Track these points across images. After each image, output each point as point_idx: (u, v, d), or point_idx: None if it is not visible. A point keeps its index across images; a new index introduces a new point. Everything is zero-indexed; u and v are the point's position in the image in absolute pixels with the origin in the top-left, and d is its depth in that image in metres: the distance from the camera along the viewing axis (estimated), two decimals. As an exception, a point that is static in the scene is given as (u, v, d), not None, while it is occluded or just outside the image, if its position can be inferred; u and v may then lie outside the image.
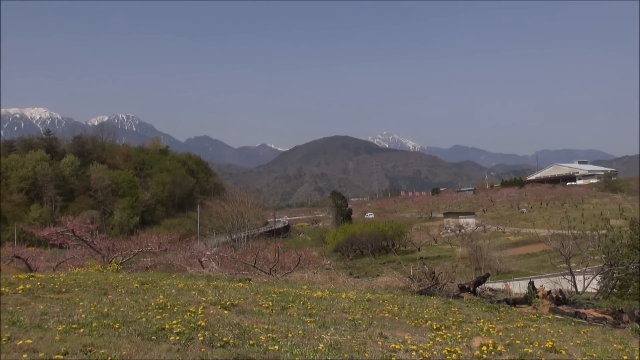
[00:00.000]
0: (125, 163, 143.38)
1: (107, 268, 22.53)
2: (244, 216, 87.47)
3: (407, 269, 22.71)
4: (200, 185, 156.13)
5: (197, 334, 7.90)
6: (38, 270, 26.19)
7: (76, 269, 22.96)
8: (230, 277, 19.43)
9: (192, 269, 26.20)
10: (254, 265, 26.16)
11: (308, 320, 9.90)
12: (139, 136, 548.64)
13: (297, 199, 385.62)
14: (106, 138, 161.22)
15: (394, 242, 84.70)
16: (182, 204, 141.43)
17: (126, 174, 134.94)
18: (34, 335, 7.14)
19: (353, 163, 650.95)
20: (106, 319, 8.49)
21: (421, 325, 10.52)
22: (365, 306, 12.32)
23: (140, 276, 16.80)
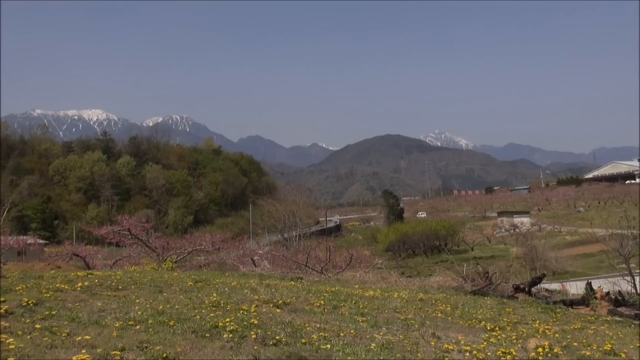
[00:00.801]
0: (179, 163, 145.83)
1: (162, 266, 22.89)
2: (295, 215, 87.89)
3: (460, 269, 22.42)
4: (253, 185, 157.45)
5: (250, 332, 7.97)
6: (96, 268, 26.84)
7: (132, 267, 23.43)
8: (282, 276, 19.54)
9: (245, 268, 26.46)
10: (306, 264, 26.23)
11: (360, 320, 9.88)
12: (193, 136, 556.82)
13: (348, 198, 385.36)
14: (161, 138, 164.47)
15: (447, 241, 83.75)
16: (235, 203, 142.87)
17: (180, 173, 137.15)
18: (92, 332, 7.32)
19: (405, 162, 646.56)
20: (161, 316, 8.65)
21: (475, 326, 10.38)
22: (418, 306, 12.23)
23: (194, 274, 17.05)
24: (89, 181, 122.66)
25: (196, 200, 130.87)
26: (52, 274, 14.39)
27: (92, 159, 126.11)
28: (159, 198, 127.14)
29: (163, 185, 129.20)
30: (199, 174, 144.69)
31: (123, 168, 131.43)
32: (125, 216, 27.93)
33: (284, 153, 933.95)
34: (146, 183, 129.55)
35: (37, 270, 18.11)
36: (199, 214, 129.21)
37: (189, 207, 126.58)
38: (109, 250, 44.10)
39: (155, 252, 26.68)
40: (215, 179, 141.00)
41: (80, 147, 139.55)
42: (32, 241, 40.14)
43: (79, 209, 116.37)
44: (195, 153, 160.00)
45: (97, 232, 27.76)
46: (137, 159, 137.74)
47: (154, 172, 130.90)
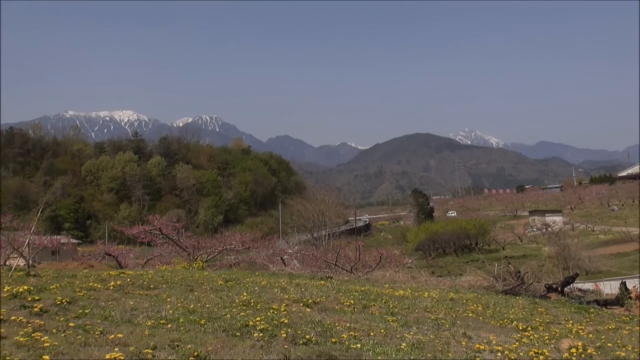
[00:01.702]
0: (209, 163, 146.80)
1: (193, 265, 23.08)
2: (324, 214, 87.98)
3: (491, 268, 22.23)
4: (282, 184, 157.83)
5: (280, 331, 7.99)
6: (128, 267, 27.17)
7: (163, 266, 23.67)
8: (311, 275, 19.58)
9: (275, 267, 26.56)
10: (335, 263, 26.23)
11: (390, 319, 9.85)
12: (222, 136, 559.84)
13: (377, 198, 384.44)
14: (191, 139, 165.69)
15: (478, 240, 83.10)
16: (264, 203, 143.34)
17: (210, 173, 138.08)
18: (125, 330, 7.41)
19: (434, 161, 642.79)
20: (192, 315, 8.72)
21: (506, 326, 10.29)
22: (449, 305, 12.15)
23: (224, 273, 17.16)
24: (120, 181, 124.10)
25: (226, 200, 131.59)
26: (85, 273, 14.60)
27: (123, 160, 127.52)
28: (190, 198, 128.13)
29: (193, 185, 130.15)
30: (228, 173, 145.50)
31: (154, 168, 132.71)
32: (156, 216, 28.24)
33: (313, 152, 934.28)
34: (177, 183, 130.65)
35: (70, 269, 18.40)
36: (229, 213, 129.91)
37: (219, 206, 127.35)
38: (141, 250, 44.61)
39: (186, 252, 26.92)
40: (245, 179, 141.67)
41: (112, 147, 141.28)
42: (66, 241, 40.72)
43: (111, 208, 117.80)
44: (225, 153, 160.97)
45: (128, 232, 28.12)
46: (167, 159, 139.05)
47: (184, 172, 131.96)
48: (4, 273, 13.21)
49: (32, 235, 23.57)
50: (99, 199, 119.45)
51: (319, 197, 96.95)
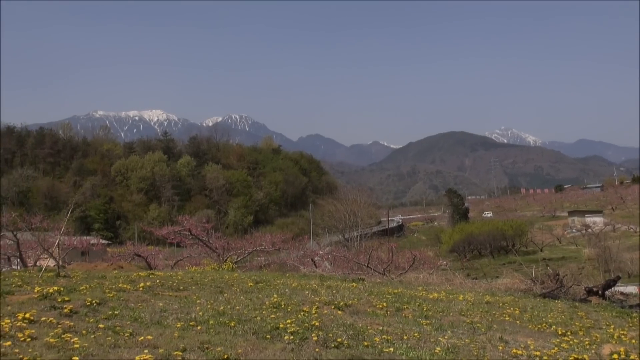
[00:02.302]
0: (239, 163, 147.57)
1: (223, 267, 23.22)
2: (356, 215, 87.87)
3: (529, 271, 21.99)
4: (313, 184, 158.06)
5: (311, 333, 8.00)
6: (157, 268, 27.45)
7: (193, 267, 23.86)
8: (343, 277, 19.57)
9: (305, 268, 26.61)
10: (367, 265, 26.20)
11: (424, 323, 9.80)
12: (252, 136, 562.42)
13: (411, 198, 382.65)
14: (220, 138, 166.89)
15: (514, 242, 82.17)
16: (295, 203, 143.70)
17: (240, 173, 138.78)
18: (154, 332, 7.49)
19: (470, 160, 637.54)
20: (222, 317, 8.77)
21: (545, 330, 10.16)
22: (484, 309, 12.05)
23: (254, 275, 17.25)
24: (150, 181, 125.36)
25: (256, 200, 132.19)
26: (114, 274, 14.80)
27: (153, 160, 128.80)
28: (219, 198, 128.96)
29: (223, 185, 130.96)
30: (258, 173, 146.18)
31: (183, 168, 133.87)
32: (185, 216, 28.50)
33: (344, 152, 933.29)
34: (206, 183, 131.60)
35: (100, 270, 18.66)
36: (259, 214, 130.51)
37: (248, 207, 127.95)
38: (170, 251, 44.98)
39: (216, 253, 27.10)
40: (275, 179, 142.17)
41: (141, 147, 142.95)
42: (95, 241, 41.28)
43: (141, 209, 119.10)
44: (255, 152, 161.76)
45: (158, 233, 28.41)
46: (197, 159, 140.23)
47: (214, 172, 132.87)
48: (34, 274, 13.46)
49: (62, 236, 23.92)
50: (128, 200, 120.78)
51: (350, 197, 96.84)
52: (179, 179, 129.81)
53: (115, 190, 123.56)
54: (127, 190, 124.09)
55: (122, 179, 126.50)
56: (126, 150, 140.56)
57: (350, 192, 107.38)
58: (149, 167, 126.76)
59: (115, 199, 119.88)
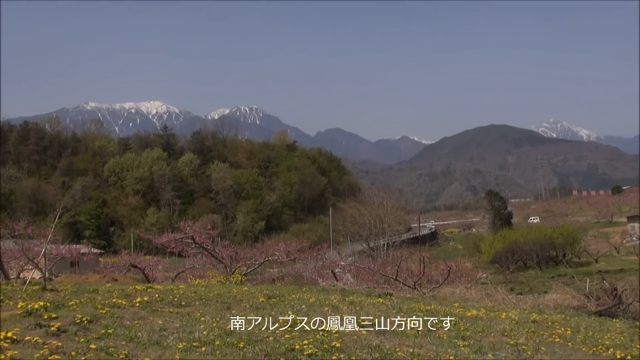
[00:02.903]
0: (249, 161, 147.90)
1: (230, 279, 23.29)
2: (383, 221, 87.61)
3: (582, 285, 21.82)
4: (333, 185, 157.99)
5: (331, 356, 7.98)
6: (156, 280, 27.60)
7: (196, 280, 23.98)
8: (368, 291, 19.54)
9: (325, 282, 26.58)
10: (396, 277, 26.14)
11: (461, 344, 9.75)
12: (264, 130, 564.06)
13: (445, 200, 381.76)
14: (227, 133, 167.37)
15: (565, 252, 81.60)
16: (313, 207, 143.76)
17: (250, 173, 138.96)
18: (153, 353, 7.50)
19: (513, 157, 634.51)
20: (230, 337, 8.78)
21: (601, 354, 10.07)
22: (531, 329, 11.97)
23: (266, 289, 17.26)
24: (148, 182, 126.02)
25: (268, 204, 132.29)
26: (108, 287, 14.89)
27: (151, 157, 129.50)
28: (226, 201, 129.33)
29: (231, 186, 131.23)
30: (271, 173, 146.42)
31: (186, 167, 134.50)
32: (188, 222, 28.62)
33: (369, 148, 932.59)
34: (212, 184, 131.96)
35: (91, 283, 18.79)
36: (272, 219, 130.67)
37: (260, 211, 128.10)
38: (171, 261, 45.23)
39: (222, 263, 27.21)
40: (290, 179, 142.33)
41: (138, 143, 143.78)
42: (86, 250, 41.58)
43: (137, 214, 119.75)
44: (267, 149, 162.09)
45: (157, 241, 28.59)
46: (201, 156, 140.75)
47: (221, 172, 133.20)
48: (17, 287, 13.56)
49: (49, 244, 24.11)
50: (123, 203, 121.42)
51: (376, 200, 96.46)
52: (180, 180, 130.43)
53: (109, 192, 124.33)
54: (122, 193, 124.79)
55: (117, 180, 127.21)
56: (121, 147, 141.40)
57: (375, 194, 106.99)
58: (146, 166, 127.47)
59: (108, 202, 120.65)
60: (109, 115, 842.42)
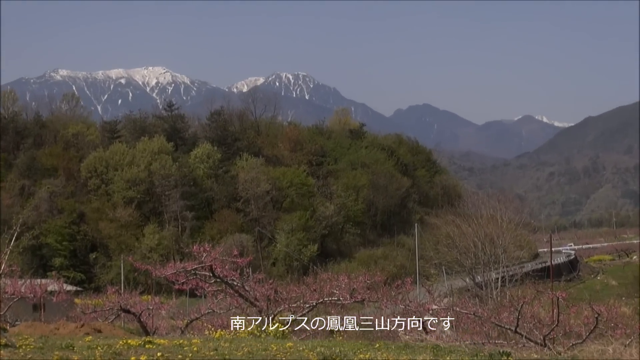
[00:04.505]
0: (294, 154, 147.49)
1: (267, 330, 23.36)
2: (496, 244, 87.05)
3: None
4: (420, 190, 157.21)
5: None
6: (158, 331, 27.82)
7: (217, 332, 24.08)
8: (473, 350, 19.43)
9: (408, 334, 26.51)
10: (516, 329, 25.96)
11: None
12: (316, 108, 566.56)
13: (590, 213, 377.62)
14: (262, 113, 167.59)
15: None
16: (389, 223, 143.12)
17: (295, 172, 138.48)
18: None
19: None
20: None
21: None
22: None
23: (320, 345, 17.26)
24: (145, 187, 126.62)
25: (323, 218, 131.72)
26: (87, 342, 15.06)
27: (150, 150, 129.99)
28: (261, 214, 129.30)
29: (267, 192, 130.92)
30: (326, 172, 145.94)
31: (200, 164, 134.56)
32: (204, 246, 28.67)
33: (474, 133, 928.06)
34: (239, 189, 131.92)
35: (63, 335, 19.02)
36: (328, 241, 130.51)
37: (310, 229, 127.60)
38: (180, 303, 45.67)
39: (256, 306, 27.30)
40: (355, 181, 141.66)
41: (130, 129, 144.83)
42: (56, 287, 42.12)
43: (130, 233, 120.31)
44: (320, 136, 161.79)
45: (159, 273, 28.73)
46: (223, 147, 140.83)
47: (252, 171, 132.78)
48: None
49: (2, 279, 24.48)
50: (109, 218, 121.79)
51: (485, 213, 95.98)
52: (193, 183, 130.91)
53: (89, 202, 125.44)
54: (108, 202, 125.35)
55: (100, 184, 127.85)
56: (105, 135, 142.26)
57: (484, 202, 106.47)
58: (143, 162, 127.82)
59: (88, 216, 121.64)
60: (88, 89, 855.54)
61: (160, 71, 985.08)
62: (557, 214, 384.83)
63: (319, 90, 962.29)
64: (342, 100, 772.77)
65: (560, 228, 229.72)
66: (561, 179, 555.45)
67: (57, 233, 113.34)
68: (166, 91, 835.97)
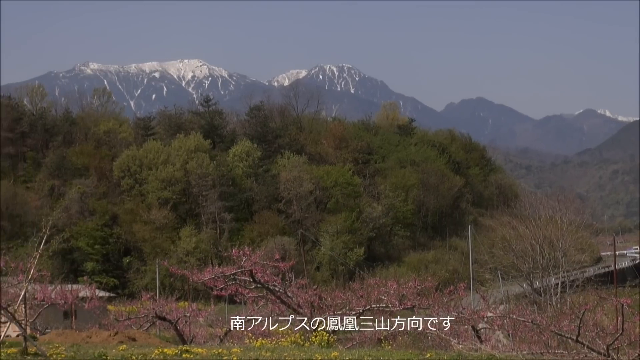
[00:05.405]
0: (339, 152, 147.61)
1: (312, 338, 23.36)
2: (555, 247, 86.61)
3: None
4: (473, 190, 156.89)
5: None
6: (195, 340, 27.93)
7: (258, 340, 24.15)
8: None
9: (461, 343, 26.48)
10: (577, 338, 25.80)
11: None
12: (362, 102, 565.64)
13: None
14: (304, 108, 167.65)
15: None
16: (440, 225, 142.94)
17: (340, 171, 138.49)
18: None
19: None
20: None
21: None
22: None
23: (368, 354, 17.28)
24: (181, 187, 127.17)
25: (370, 220, 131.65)
26: (121, 351, 15.18)
27: (186, 148, 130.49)
28: (304, 216, 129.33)
29: (310, 192, 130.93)
30: (374, 171, 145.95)
31: (240, 162, 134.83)
32: (244, 249, 28.74)
33: (532, 129, 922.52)
34: (280, 189, 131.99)
35: (96, 343, 19.21)
36: (376, 244, 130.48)
37: (357, 231, 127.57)
38: (218, 310, 45.82)
39: (298, 313, 27.31)
40: (405, 181, 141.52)
41: (165, 126, 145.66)
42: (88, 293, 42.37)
43: (165, 236, 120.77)
44: (367, 133, 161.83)
45: (196, 278, 28.82)
46: (263, 145, 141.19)
47: (294, 169, 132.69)
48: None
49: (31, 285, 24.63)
50: (143, 220, 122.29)
51: (543, 214, 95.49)
52: (232, 183, 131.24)
53: (122, 203, 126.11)
54: (142, 203, 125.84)
55: (133, 184, 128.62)
56: (139, 132, 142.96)
57: (543, 203, 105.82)
58: (179, 161, 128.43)
59: (121, 218, 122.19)
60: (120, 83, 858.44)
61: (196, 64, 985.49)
62: (621, 214, 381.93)
63: (365, 84, 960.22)
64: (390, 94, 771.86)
65: (624, 230, 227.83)
66: (625, 178, 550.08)
67: (88, 236, 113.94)
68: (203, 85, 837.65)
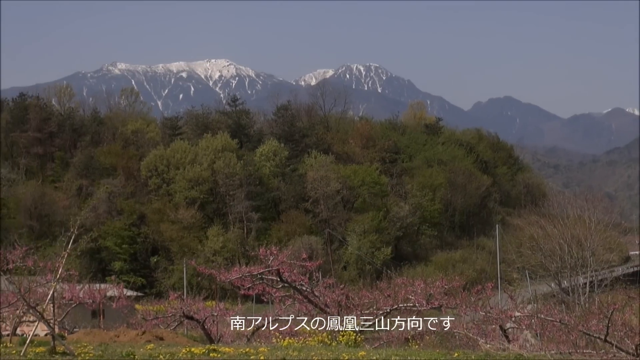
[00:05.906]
0: (366, 151, 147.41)
1: (339, 338, 23.34)
2: (583, 246, 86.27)
3: None
4: (501, 189, 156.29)
5: None
6: (223, 339, 27.91)
7: (285, 340, 24.13)
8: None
9: (489, 343, 26.38)
10: (605, 338, 25.66)
11: None
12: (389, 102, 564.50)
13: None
14: (331, 107, 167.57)
15: None
16: (468, 224, 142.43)
17: (368, 170, 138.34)
18: None
19: None
20: None
21: None
22: None
23: (395, 353, 17.24)
24: (209, 187, 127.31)
25: (397, 219, 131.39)
26: (149, 350, 15.20)
27: (213, 147, 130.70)
28: (331, 215, 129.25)
29: (338, 191, 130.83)
30: (401, 170, 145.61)
31: (267, 162, 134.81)
32: (271, 249, 28.73)
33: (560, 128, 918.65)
34: (307, 188, 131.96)
35: (124, 342, 19.25)
36: (403, 243, 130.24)
37: (384, 231, 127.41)
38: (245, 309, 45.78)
39: (325, 312, 27.28)
40: (432, 180, 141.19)
41: (192, 125, 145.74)
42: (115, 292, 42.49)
43: (193, 235, 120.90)
44: (394, 132, 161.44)
45: (223, 278, 28.86)
46: (290, 144, 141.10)
47: (321, 169, 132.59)
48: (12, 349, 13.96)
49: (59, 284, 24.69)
50: (171, 220, 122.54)
51: (572, 213, 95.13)
52: (259, 182, 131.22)
53: (149, 202, 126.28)
54: (169, 203, 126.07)
55: (161, 183, 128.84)
56: (167, 132, 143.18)
57: (571, 202, 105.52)
58: (206, 161, 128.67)
59: (148, 218, 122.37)
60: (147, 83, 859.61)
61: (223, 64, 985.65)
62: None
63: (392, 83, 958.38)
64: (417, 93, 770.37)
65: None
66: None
67: (116, 235, 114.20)
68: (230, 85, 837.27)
